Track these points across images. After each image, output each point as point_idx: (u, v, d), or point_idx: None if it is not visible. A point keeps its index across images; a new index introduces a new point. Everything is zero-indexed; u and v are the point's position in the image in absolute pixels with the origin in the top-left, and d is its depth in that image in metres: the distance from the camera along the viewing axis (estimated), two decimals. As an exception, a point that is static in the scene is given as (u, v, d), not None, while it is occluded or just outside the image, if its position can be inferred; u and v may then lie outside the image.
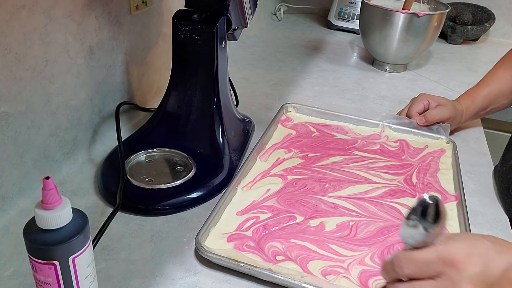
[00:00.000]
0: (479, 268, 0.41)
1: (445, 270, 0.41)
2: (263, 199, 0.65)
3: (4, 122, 0.57)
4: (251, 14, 0.78)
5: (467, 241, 0.43)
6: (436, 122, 0.83)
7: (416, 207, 0.42)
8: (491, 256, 0.41)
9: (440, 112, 0.83)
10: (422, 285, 0.42)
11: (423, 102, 0.86)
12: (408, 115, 0.87)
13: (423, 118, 0.83)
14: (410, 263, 0.43)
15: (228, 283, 0.53)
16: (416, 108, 0.86)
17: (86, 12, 0.67)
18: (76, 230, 0.39)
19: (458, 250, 0.42)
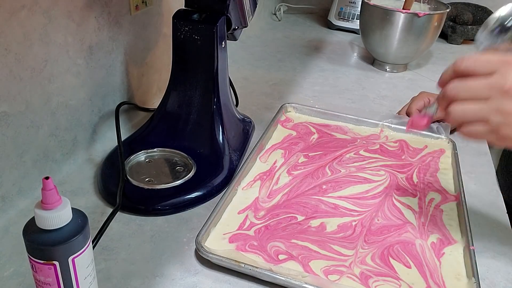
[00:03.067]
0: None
1: (502, 68, 0.45)
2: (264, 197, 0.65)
3: (4, 122, 0.57)
4: (251, 14, 0.78)
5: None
6: (436, 120, 0.83)
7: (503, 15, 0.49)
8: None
9: None
10: (477, 79, 0.46)
11: (424, 100, 0.86)
12: (408, 113, 0.87)
13: None
14: (473, 59, 0.47)
15: (228, 283, 0.53)
16: (416, 106, 0.86)
17: (86, 12, 0.67)
18: (76, 230, 0.39)
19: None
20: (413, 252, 0.57)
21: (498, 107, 0.45)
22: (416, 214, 0.64)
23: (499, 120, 0.46)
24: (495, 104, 0.45)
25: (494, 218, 0.66)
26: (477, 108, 0.46)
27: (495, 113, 0.46)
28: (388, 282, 0.53)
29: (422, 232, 0.60)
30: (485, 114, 0.46)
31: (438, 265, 0.55)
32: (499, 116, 0.46)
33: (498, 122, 0.46)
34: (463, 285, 0.53)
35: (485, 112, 0.46)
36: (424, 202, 0.66)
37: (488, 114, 0.46)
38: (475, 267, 0.54)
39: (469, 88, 0.47)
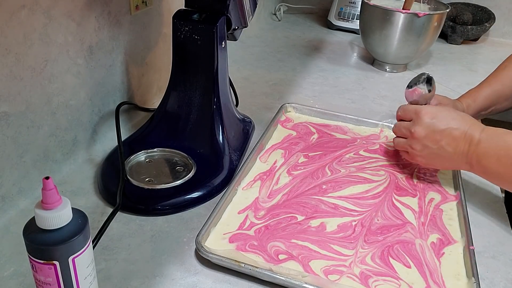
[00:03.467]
0: (431, 120, 0.66)
1: (414, 116, 0.68)
2: (264, 197, 0.65)
3: (4, 122, 0.57)
4: (251, 14, 0.78)
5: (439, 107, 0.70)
6: None
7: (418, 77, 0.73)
8: (445, 117, 0.65)
9: None
10: (403, 123, 0.70)
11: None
12: None
13: None
14: (401, 110, 0.72)
15: (228, 283, 0.53)
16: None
17: (86, 12, 0.67)
18: (76, 230, 0.39)
19: (428, 109, 0.68)
20: (413, 252, 0.57)
21: (410, 144, 0.68)
22: (416, 214, 0.64)
23: (412, 152, 0.69)
24: (409, 141, 0.69)
25: (494, 218, 0.66)
26: (403, 141, 0.70)
27: (409, 147, 0.69)
28: (388, 282, 0.53)
29: (422, 232, 0.60)
30: (406, 147, 0.70)
31: (438, 265, 0.55)
32: (411, 149, 0.69)
33: (412, 152, 0.69)
34: (463, 285, 0.53)
35: (406, 145, 0.70)
36: (424, 202, 0.66)
37: (407, 147, 0.69)
38: (475, 267, 0.54)
39: (398, 129, 0.72)
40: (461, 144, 0.63)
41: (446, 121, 0.65)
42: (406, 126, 0.69)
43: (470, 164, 0.63)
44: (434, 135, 0.65)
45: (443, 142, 0.64)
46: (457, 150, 0.63)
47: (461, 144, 0.63)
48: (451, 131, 0.64)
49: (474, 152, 0.62)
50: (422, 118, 0.66)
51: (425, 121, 0.66)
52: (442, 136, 0.64)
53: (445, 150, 0.64)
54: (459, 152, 0.63)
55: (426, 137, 0.65)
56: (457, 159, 0.64)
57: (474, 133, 0.62)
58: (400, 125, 0.71)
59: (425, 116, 0.66)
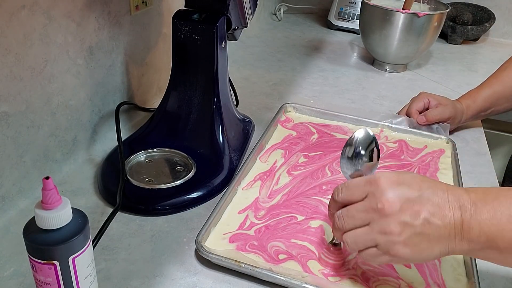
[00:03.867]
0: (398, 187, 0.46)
1: (370, 189, 0.46)
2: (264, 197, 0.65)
3: (4, 122, 0.57)
4: (251, 14, 0.78)
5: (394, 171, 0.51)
6: (436, 121, 0.84)
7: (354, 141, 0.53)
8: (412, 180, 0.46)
9: (441, 112, 0.83)
10: (355, 206, 0.47)
11: (423, 100, 0.86)
12: (408, 113, 0.87)
13: (424, 117, 0.83)
14: (345, 188, 0.49)
15: (228, 283, 0.53)
16: (416, 106, 0.86)
17: (86, 12, 0.67)
18: (76, 230, 0.39)
19: (385, 174, 0.47)
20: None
21: (380, 228, 0.45)
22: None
23: (386, 240, 0.45)
24: (378, 225, 0.45)
25: (494, 218, 0.66)
26: (364, 233, 0.47)
27: (380, 234, 0.45)
28: (388, 281, 0.53)
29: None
30: (372, 238, 0.46)
31: (438, 265, 0.55)
32: (383, 236, 0.45)
33: (385, 242, 0.45)
34: (463, 285, 0.53)
35: (372, 235, 0.46)
36: (424, 202, 0.66)
37: (375, 237, 0.46)
38: (475, 267, 0.54)
39: (349, 216, 0.48)
40: (447, 212, 0.44)
41: (417, 185, 0.46)
42: (363, 206, 0.47)
43: (468, 239, 0.44)
44: (411, 205, 0.45)
45: (426, 213, 0.44)
46: (445, 221, 0.44)
47: (446, 211, 0.44)
48: (430, 197, 0.45)
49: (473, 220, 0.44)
50: (385, 187, 0.46)
51: (392, 189, 0.46)
52: (421, 205, 0.45)
53: (431, 224, 0.44)
54: (448, 224, 0.44)
55: (402, 210, 0.45)
56: (449, 235, 0.44)
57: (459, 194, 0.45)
58: (349, 211, 0.48)
59: (388, 183, 0.46)
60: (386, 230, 0.45)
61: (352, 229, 0.47)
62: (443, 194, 0.45)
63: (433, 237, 0.44)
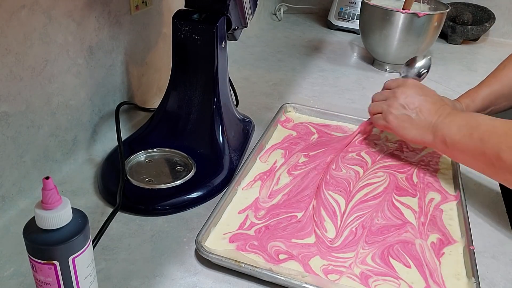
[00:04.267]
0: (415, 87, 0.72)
1: (400, 83, 0.74)
2: (264, 197, 0.65)
3: (4, 122, 0.57)
4: (251, 14, 0.78)
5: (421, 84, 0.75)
6: None
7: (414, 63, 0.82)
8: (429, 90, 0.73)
9: None
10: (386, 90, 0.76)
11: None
12: None
13: None
14: (390, 80, 0.78)
15: (228, 283, 0.53)
16: None
17: (86, 12, 0.67)
18: (76, 230, 0.39)
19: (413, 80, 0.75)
20: (413, 252, 0.57)
21: (388, 102, 0.72)
22: (416, 214, 0.64)
23: (387, 110, 0.72)
24: (388, 101, 0.73)
25: (494, 218, 0.66)
26: (380, 103, 0.74)
27: (386, 105, 0.72)
28: (388, 281, 0.53)
29: (422, 232, 0.60)
30: (382, 106, 0.73)
31: (438, 265, 0.55)
32: (387, 107, 0.72)
33: (386, 111, 0.72)
34: (463, 285, 0.53)
35: (383, 105, 0.73)
36: (424, 202, 0.66)
37: (383, 106, 0.73)
38: (475, 267, 0.54)
39: (380, 94, 0.76)
40: (432, 115, 0.68)
41: (429, 95, 0.71)
42: (390, 90, 0.74)
43: (433, 134, 0.67)
44: (414, 99, 0.70)
45: (419, 108, 0.69)
46: (428, 119, 0.68)
47: (432, 114, 0.68)
48: (429, 102, 0.69)
49: (440, 123, 0.66)
50: (409, 84, 0.72)
51: (411, 87, 0.72)
52: (420, 103, 0.70)
53: (418, 115, 0.69)
54: (428, 121, 0.68)
55: (407, 98, 0.70)
56: (424, 127, 0.68)
57: (447, 109, 0.68)
58: (383, 91, 0.76)
59: (412, 83, 0.73)
60: (390, 103, 0.72)
61: (378, 101, 0.76)
62: (439, 108, 0.68)
63: (415, 123, 0.69)
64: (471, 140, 0.62)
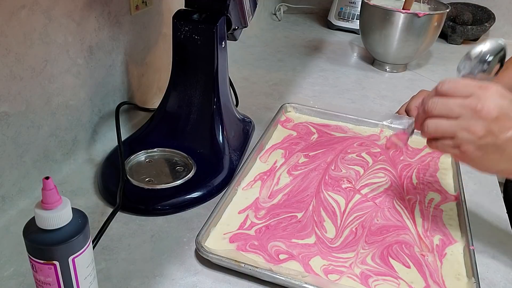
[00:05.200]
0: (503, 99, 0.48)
1: (478, 92, 0.49)
2: (265, 197, 0.65)
3: (4, 122, 0.57)
4: (251, 14, 0.78)
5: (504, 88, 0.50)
6: None
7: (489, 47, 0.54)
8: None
9: None
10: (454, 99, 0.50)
11: (423, 97, 0.85)
12: (407, 110, 0.87)
13: None
14: (452, 83, 0.51)
15: (228, 283, 0.53)
16: (415, 103, 0.85)
17: (86, 12, 0.67)
18: (76, 230, 0.39)
19: (497, 86, 0.50)
20: (412, 252, 0.57)
21: (466, 125, 0.49)
22: (416, 214, 0.64)
23: (464, 137, 0.49)
24: (465, 122, 0.49)
25: (494, 218, 0.66)
26: (448, 124, 0.50)
27: (462, 130, 0.49)
28: (388, 281, 0.53)
29: (422, 232, 0.60)
30: (454, 130, 0.50)
31: (438, 265, 0.55)
32: (465, 133, 0.49)
33: (463, 138, 0.49)
34: (463, 285, 0.53)
35: (455, 128, 0.50)
36: (424, 202, 0.66)
37: (457, 130, 0.50)
38: (475, 267, 0.54)
39: (445, 104, 0.51)
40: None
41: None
42: (462, 102, 0.49)
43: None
44: (506, 119, 0.48)
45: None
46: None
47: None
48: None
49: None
50: (493, 94, 0.49)
51: (498, 99, 0.48)
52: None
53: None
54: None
55: (497, 120, 0.48)
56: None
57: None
58: (447, 100, 0.51)
59: (497, 92, 0.49)
60: (471, 128, 0.49)
61: (439, 117, 0.51)
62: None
63: (507, 154, 0.49)
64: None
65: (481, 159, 0.50)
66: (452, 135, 0.50)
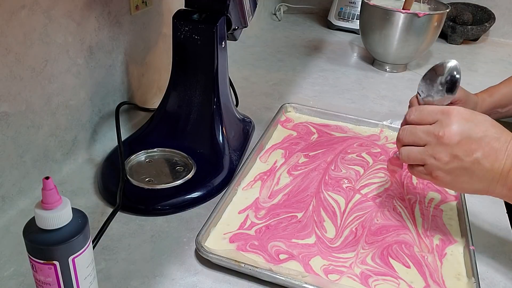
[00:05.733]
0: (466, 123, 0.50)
1: (441, 117, 0.52)
2: (265, 197, 0.65)
3: (4, 122, 0.57)
4: (251, 14, 0.78)
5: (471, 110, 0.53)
6: None
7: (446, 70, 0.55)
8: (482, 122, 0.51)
9: None
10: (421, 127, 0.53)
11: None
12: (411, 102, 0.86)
13: None
14: (418, 112, 0.54)
15: (228, 283, 0.53)
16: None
17: (86, 12, 0.67)
18: (76, 230, 0.39)
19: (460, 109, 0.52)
20: (412, 252, 0.57)
21: (433, 152, 0.52)
22: (416, 214, 0.64)
23: (433, 164, 0.52)
24: (431, 149, 0.52)
25: (494, 218, 0.66)
26: (418, 151, 0.53)
27: (430, 157, 0.52)
28: (388, 281, 0.53)
29: (422, 232, 0.60)
30: (423, 158, 0.53)
31: (438, 265, 0.55)
32: (433, 160, 0.52)
33: (432, 165, 0.52)
34: (463, 285, 0.53)
35: (423, 156, 0.53)
36: (424, 202, 0.66)
37: (425, 158, 0.52)
38: (475, 267, 0.54)
39: (413, 133, 0.54)
40: (500, 158, 0.49)
41: (485, 127, 0.50)
42: (427, 129, 0.52)
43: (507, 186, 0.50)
44: (469, 143, 0.50)
45: (479, 154, 0.50)
46: (495, 166, 0.49)
47: (500, 158, 0.49)
48: (491, 141, 0.50)
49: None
50: (454, 120, 0.51)
51: (459, 124, 0.50)
52: (479, 145, 0.50)
53: (480, 164, 0.50)
54: (496, 169, 0.50)
55: (459, 145, 0.50)
56: (491, 178, 0.50)
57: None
58: (414, 129, 0.54)
59: (458, 117, 0.51)
60: (436, 155, 0.51)
61: (410, 145, 0.54)
62: (505, 143, 0.50)
63: (476, 176, 0.50)
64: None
65: (453, 182, 0.52)
66: (422, 162, 0.53)
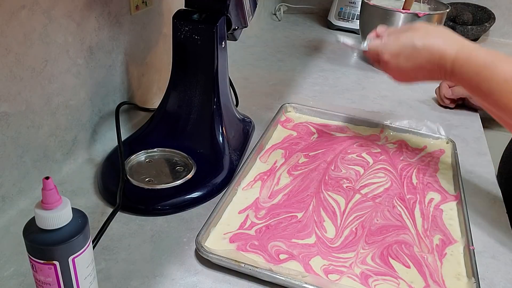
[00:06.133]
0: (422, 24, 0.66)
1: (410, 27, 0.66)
2: (265, 197, 0.65)
3: (4, 122, 0.57)
4: (251, 14, 0.78)
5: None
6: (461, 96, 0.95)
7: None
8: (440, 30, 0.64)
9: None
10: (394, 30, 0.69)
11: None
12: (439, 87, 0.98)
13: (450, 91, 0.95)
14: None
15: (228, 283, 0.53)
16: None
17: (86, 12, 0.67)
18: (76, 230, 0.39)
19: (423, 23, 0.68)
20: (412, 252, 0.57)
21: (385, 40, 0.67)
22: (416, 214, 0.64)
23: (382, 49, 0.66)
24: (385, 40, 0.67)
25: (494, 218, 0.66)
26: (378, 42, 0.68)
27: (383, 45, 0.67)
28: (388, 281, 0.53)
29: (422, 232, 0.60)
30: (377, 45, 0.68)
31: (438, 265, 0.55)
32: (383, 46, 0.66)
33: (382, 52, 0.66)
34: (463, 285, 0.53)
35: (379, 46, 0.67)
36: (424, 202, 0.66)
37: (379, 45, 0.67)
38: (475, 267, 0.54)
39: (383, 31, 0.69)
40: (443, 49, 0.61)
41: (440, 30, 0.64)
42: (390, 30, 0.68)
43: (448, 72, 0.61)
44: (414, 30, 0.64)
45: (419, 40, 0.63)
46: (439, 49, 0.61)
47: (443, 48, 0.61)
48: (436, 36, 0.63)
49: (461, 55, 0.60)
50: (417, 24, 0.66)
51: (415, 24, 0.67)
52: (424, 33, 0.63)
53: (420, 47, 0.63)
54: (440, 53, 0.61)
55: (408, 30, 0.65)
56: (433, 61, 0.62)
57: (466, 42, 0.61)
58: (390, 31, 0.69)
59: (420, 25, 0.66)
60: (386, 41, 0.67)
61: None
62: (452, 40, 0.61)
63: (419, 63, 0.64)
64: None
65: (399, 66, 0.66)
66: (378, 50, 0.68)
